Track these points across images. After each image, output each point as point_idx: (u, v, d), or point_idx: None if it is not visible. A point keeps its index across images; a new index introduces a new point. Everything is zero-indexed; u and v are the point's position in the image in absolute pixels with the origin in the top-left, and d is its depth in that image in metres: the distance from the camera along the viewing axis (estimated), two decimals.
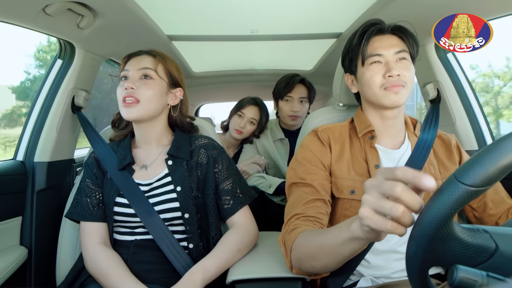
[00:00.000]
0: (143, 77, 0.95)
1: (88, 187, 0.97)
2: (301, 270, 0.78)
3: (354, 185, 0.88)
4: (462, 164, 0.40)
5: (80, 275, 0.94)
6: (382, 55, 0.86)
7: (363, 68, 0.89)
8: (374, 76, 0.87)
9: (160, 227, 0.90)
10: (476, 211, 0.93)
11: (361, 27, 0.90)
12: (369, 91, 0.89)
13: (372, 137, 0.92)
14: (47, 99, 1.28)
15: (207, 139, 1.05)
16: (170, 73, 1.00)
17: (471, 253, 0.39)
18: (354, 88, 0.96)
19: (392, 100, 0.86)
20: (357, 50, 0.90)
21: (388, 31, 0.88)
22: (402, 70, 0.85)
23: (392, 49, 0.86)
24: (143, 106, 0.93)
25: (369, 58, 0.87)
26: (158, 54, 1.00)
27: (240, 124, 1.78)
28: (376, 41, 0.88)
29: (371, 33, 0.88)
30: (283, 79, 1.80)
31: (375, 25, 0.88)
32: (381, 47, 0.87)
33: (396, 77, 0.84)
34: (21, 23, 1.02)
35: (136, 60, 0.98)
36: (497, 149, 0.37)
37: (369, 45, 0.88)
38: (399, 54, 0.86)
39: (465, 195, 0.37)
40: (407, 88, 0.86)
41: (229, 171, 1.02)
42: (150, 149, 1.01)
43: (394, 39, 0.88)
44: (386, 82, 0.85)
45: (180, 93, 1.03)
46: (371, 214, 0.47)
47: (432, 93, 1.36)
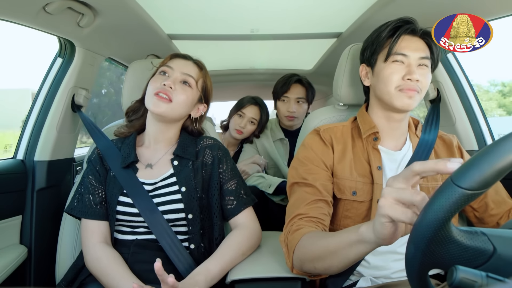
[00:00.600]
0: (183, 82, 0.97)
1: (91, 184, 0.96)
2: (302, 270, 0.78)
3: (356, 186, 0.88)
4: (458, 167, 0.40)
5: (79, 274, 0.93)
6: (407, 56, 0.85)
7: (384, 63, 0.87)
8: (393, 75, 0.85)
9: (163, 227, 0.90)
10: (477, 211, 0.93)
11: (393, 22, 0.88)
12: (383, 88, 0.87)
13: (376, 138, 0.91)
14: (47, 98, 1.28)
15: (212, 139, 1.05)
16: (206, 89, 1.03)
17: (469, 256, 0.40)
18: (367, 81, 0.94)
19: (404, 103, 0.85)
20: (383, 43, 0.88)
21: (418, 34, 0.87)
22: (421, 76, 0.84)
23: (418, 53, 0.85)
24: (172, 106, 0.94)
25: (393, 56, 0.86)
26: (204, 69, 1.03)
27: (240, 124, 1.78)
28: (405, 40, 0.86)
29: (404, 31, 0.86)
30: (281, 79, 1.80)
31: (409, 24, 0.86)
32: (408, 47, 0.85)
33: (414, 81, 0.83)
34: (22, 22, 1.02)
35: (182, 63, 0.99)
36: (493, 152, 0.37)
37: (398, 43, 0.86)
38: (422, 60, 0.85)
39: (462, 198, 0.37)
40: (421, 95, 0.86)
41: (233, 172, 1.02)
42: (157, 148, 1.01)
43: (421, 44, 0.86)
44: (403, 84, 0.84)
45: (204, 109, 1.05)
46: (391, 203, 0.48)
47: (432, 93, 1.36)
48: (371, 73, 0.92)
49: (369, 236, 0.55)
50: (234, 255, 0.90)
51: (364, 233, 0.56)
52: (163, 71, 0.98)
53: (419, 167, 0.46)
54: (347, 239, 0.62)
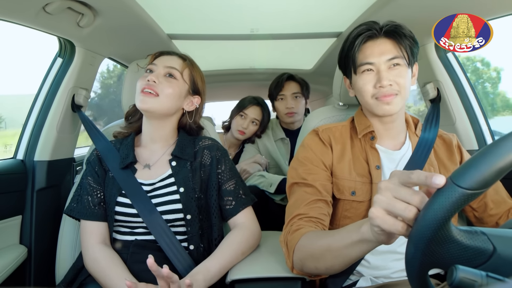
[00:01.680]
0: (167, 75, 0.97)
1: (90, 185, 0.96)
2: (302, 271, 0.78)
3: (355, 186, 0.88)
4: (458, 167, 0.40)
5: (79, 274, 0.94)
6: (373, 63, 0.84)
7: (356, 76, 0.88)
8: (365, 86, 0.85)
9: (162, 227, 0.90)
10: (477, 211, 0.93)
11: (353, 32, 0.87)
12: (362, 99, 0.89)
13: (372, 137, 0.92)
14: (47, 98, 1.28)
15: (210, 140, 1.05)
16: (194, 79, 1.03)
17: (469, 255, 0.40)
18: (352, 92, 0.95)
19: (384, 110, 0.85)
20: (349, 56, 0.88)
21: (381, 35, 0.85)
22: (395, 77, 0.83)
23: (383, 56, 0.83)
24: (159, 100, 0.94)
25: (360, 67, 0.86)
26: (188, 60, 1.03)
27: (242, 124, 1.78)
28: (368, 47, 0.85)
29: (361, 40, 0.85)
30: (273, 81, 1.82)
31: (367, 31, 0.85)
32: (372, 54, 0.84)
33: (387, 87, 0.82)
34: (22, 22, 1.02)
35: (165, 58, 1.00)
36: (492, 152, 0.37)
37: (361, 52, 0.85)
38: (391, 61, 0.83)
39: (461, 198, 0.37)
40: (402, 95, 0.85)
41: (232, 172, 1.02)
42: (154, 149, 1.01)
43: (387, 44, 0.84)
44: (377, 92, 0.84)
45: (198, 101, 1.05)
46: (382, 214, 0.47)
47: (432, 93, 1.36)
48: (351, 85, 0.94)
49: (370, 236, 0.55)
50: (234, 255, 0.90)
51: (366, 233, 0.57)
52: (148, 69, 0.99)
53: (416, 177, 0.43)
54: (349, 239, 0.62)
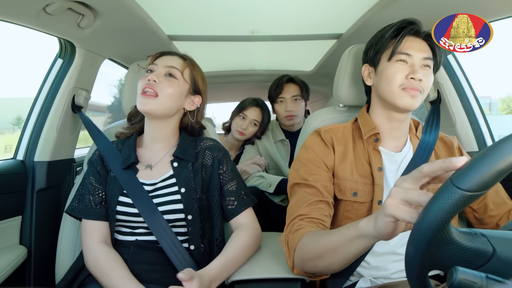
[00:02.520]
0: (168, 75, 0.97)
1: (92, 185, 0.96)
2: (303, 270, 0.78)
3: (357, 187, 0.88)
4: (458, 169, 0.40)
5: (79, 274, 0.93)
6: (411, 55, 0.86)
7: (387, 63, 0.88)
8: (396, 74, 0.86)
9: (163, 227, 0.90)
10: (477, 212, 0.93)
11: (397, 23, 0.89)
12: (386, 87, 0.88)
13: (377, 139, 0.92)
14: (47, 99, 1.29)
15: (212, 141, 1.05)
16: (195, 79, 1.02)
17: (469, 257, 0.40)
18: (370, 81, 0.95)
19: (406, 102, 0.85)
20: (387, 43, 0.89)
21: (422, 35, 0.88)
22: (424, 76, 0.85)
23: (421, 53, 0.86)
24: (159, 101, 0.94)
25: (397, 55, 0.86)
26: (189, 59, 1.03)
27: (242, 125, 1.78)
28: (409, 40, 0.87)
29: (408, 31, 0.87)
30: (273, 83, 1.81)
31: (413, 25, 0.87)
32: (412, 47, 0.86)
33: (417, 81, 0.84)
34: (22, 23, 1.02)
35: (166, 58, 1.00)
36: (492, 154, 0.37)
37: (402, 43, 0.87)
38: (425, 61, 0.86)
39: (461, 200, 0.37)
40: (423, 95, 0.86)
41: (233, 173, 1.02)
42: (156, 149, 1.01)
43: (425, 45, 0.87)
44: (406, 83, 0.85)
45: (199, 100, 1.04)
46: (398, 203, 0.50)
47: (432, 95, 1.36)
48: (374, 73, 0.93)
49: (369, 230, 0.56)
50: (241, 256, 0.90)
51: (364, 228, 0.58)
52: (149, 69, 0.99)
53: (428, 167, 0.48)
54: (347, 235, 0.63)
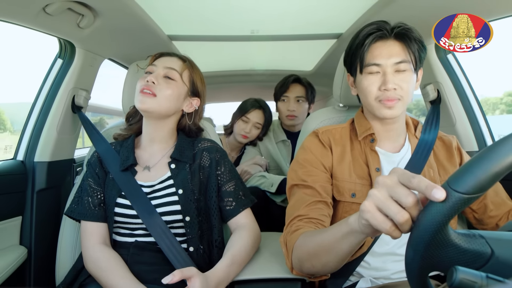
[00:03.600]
0: (166, 77, 0.97)
1: (90, 187, 0.97)
2: (301, 271, 0.77)
3: (355, 188, 0.88)
4: (454, 172, 0.40)
5: (79, 275, 0.93)
6: (380, 65, 0.83)
7: (361, 75, 0.87)
8: (369, 87, 0.84)
9: (161, 228, 0.90)
10: (476, 212, 0.93)
11: (363, 30, 0.86)
12: (365, 100, 0.88)
13: (372, 140, 0.91)
14: (47, 99, 1.28)
15: (210, 142, 1.05)
16: (193, 81, 1.02)
17: (468, 259, 0.40)
18: (354, 91, 0.94)
19: (385, 114, 0.84)
20: (357, 54, 0.86)
21: (391, 36, 0.83)
22: (400, 82, 0.82)
23: (392, 58, 0.82)
24: (158, 101, 0.94)
25: (367, 67, 0.84)
26: (188, 61, 1.03)
27: (245, 129, 1.77)
28: (376, 48, 0.83)
29: (371, 40, 0.84)
30: (280, 81, 1.81)
31: (378, 31, 0.84)
32: (381, 55, 0.83)
33: (392, 90, 0.82)
34: (21, 23, 1.02)
35: (165, 59, 1.00)
36: (488, 156, 0.37)
37: (369, 52, 0.84)
38: (398, 65, 0.82)
39: (458, 202, 0.38)
40: (404, 101, 0.84)
41: (231, 174, 1.02)
42: (154, 151, 1.01)
43: (396, 47, 0.83)
44: (381, 95, 0.83)
45: (197, 103, 1.04)
46: (373, 210, 0.47)
47: (432, 94, 1.36)
48: (354, 83, 0.93)
49: (356, 227, 0.56)
50: (246, 257, 0.91)
51: (352, 224, 0.57)
52: (148, 70, 0.99)
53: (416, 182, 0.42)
54: (339, 232, 0.62)
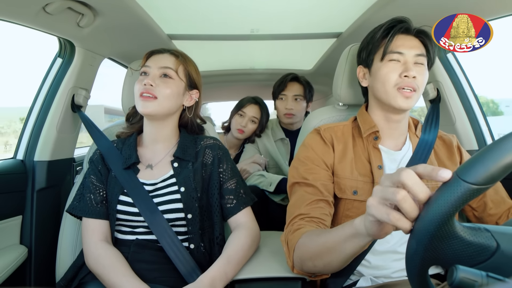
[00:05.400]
0: (163, 76, 0.96)
1: (92, 184, 0.97)
2: (303, 270, 0.78)
3: (357, 186, 0.88)
4: (464, 162, 0.40)
5: (79, 272, 0.94)
6: (403, 53, 0.85)
7: (380, 63, 0.88)
8: (390, 73, 0.86)
9: (163, 227, 0.90)
10: (476, 210, 0.93)
11: (387, 22, 0.89)
12: (381, 88, 0.88)
13: (376, 137, 0.92)
14: (47, 98, 1.28)
15: (212, 139, 1.06)
16: (189, 74, 1.02)
17: (472, 252, 0.39)
18: (365, 82, 0.95)
19: (401, 103, 0.85)
20: (378, 43, 0.89)
21: (413, 33, 0.88)
22: (418, 74, 0.84)
23: (413, 50, 0.85)
24: (159, 102, 0.94)
25: (389, 54, 0.86)
26: (181, 55, 1.02)
27: (241, 123, 1.78)
28: (399, 39, 0.87)
29: (397, 30, 0.87)
30: (278, 79, 1.82)
31: (402, 23, 0.87)
32: (404, 45, 0.86)
33: (411, 78, 0.84)
34: (21, 22, 1.02)
35: (158, 58, 0.99)
36: (499, 148, 0.37)
37: (393, 42, 0.87)
38: (418, 58, 0.85)
39: (467, 193, 0.37)
40: (418, 94, 0.86)
41: (233, 171, 1.03)
42: (157, 149, 1.01)
43: (416, 42, 0.87)
44: (401, 82, 0.84)
45: (196, 95, 1.05)
46: (377, 203, 0.47)
47: (432, 93, 1.36)
48: (369, 74, 0.93)
49: (361, 229, 0.56)
50: (243, 256, 0.90)
51: (358, 226, 0.57)
52: (143, 71, 0.98)
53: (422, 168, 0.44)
54: (343, 234, 0.62)
